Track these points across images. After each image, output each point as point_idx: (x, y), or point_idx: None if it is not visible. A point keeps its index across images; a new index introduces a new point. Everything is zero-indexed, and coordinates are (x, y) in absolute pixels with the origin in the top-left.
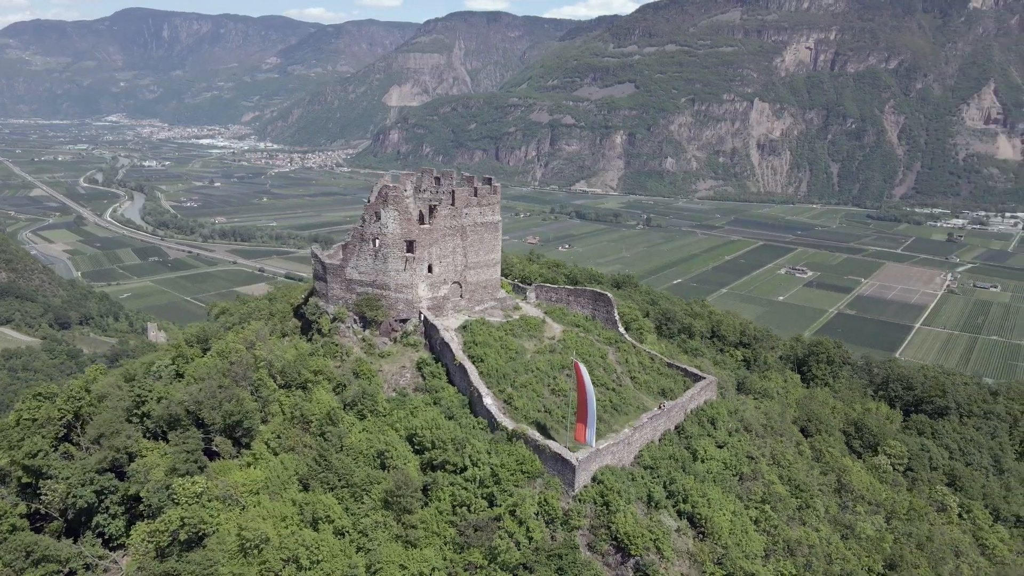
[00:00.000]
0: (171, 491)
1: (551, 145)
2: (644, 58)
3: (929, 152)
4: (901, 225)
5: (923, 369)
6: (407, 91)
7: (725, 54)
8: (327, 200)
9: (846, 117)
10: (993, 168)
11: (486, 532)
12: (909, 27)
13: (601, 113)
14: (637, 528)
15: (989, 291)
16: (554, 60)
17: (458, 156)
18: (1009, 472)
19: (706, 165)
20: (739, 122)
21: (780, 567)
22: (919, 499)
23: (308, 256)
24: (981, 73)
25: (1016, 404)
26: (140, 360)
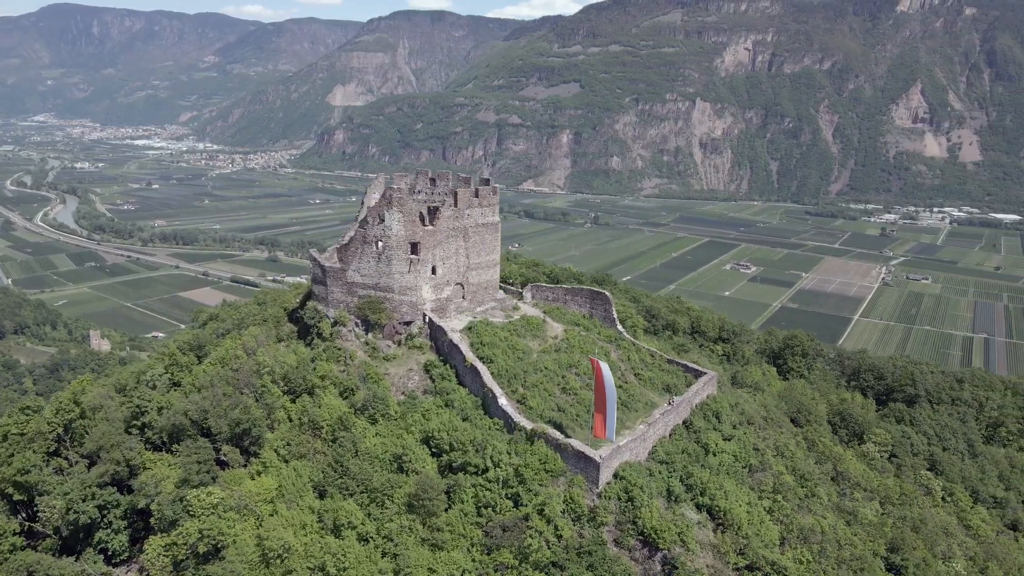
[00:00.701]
0: (186, 503)
1: (498, 145)
2: (588, 58)
3: (862, 150)
4: (837, 221)
5: (892, 359)
6: (351, 91)
7: (667, 55)
8: (272, 202)
9: (783, 116)
10: (921, 165)
11: (514, 532)
12: (841, 29)
13: (547, 113)
14: (663, 522)
15: (921, 283)
16: (499, 60)
17: (405, 156)
18: (982, 455)
19: (651, 164)
20: (682, 121)
21: (797, 555)
22: (908, 484)
23: (255, 259)
24: (908, 74)
25: (980, 390)
26: (128, 369)
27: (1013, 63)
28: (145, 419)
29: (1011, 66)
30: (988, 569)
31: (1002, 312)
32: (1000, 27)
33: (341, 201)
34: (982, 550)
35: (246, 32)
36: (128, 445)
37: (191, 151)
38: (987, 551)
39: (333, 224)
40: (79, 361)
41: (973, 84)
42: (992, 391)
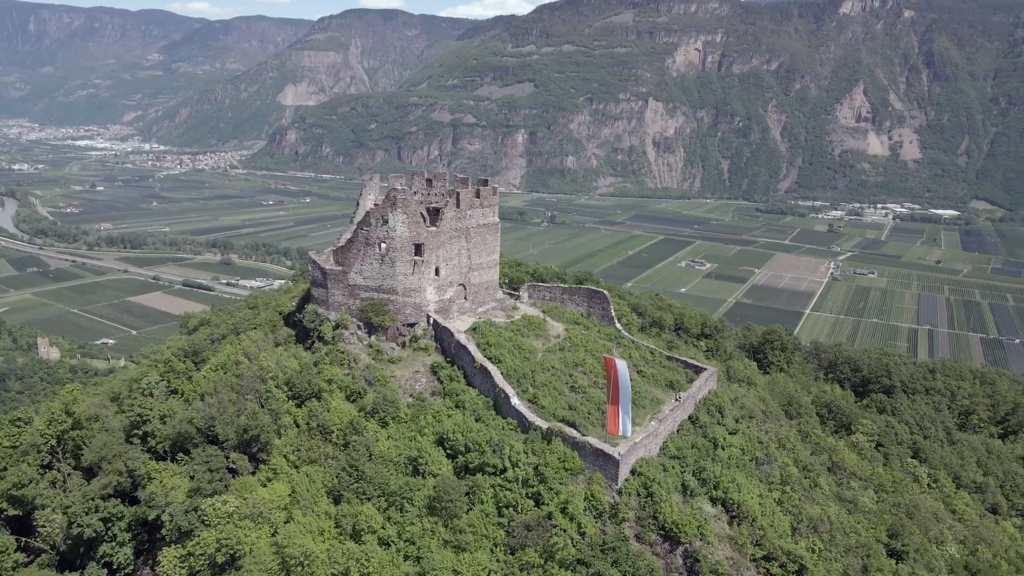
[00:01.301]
0: (201, 512)
1: (453, 144)
2: (542, 58)
3: (809, 148)
4: (787, 217)
5: (866, 351)
6: (303, 90)
7: (620, 55)
8: (223, 203)
9: (734, 116)
10: (865, 163)
11: (539, 531)
12: (787, 31)
13: (502, 112)
14: (684, 516)
15: (867, 277)
16: (453, 59)
17: (359, 156)
18: (959, 443)
19: (605, 163)
20: (635, 121)
21: (810, 544)
22: (897, 472)
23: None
24: (851, 75)
25: (952, 380)
26: (120, 378)
27: (949, 64)
28: (147, 428)
29: (947, 67)
30: (978, 551)
31: (944, 304)
32: (937, 29)
33: (295, 202)
34: (971, 533)
35: (192, 30)
36: (130, 455)
37: (137, 152)
38: (975, 534)
39: (288, 226)
40: (27, 370)
41: (912, 84)
42: (962, 380)
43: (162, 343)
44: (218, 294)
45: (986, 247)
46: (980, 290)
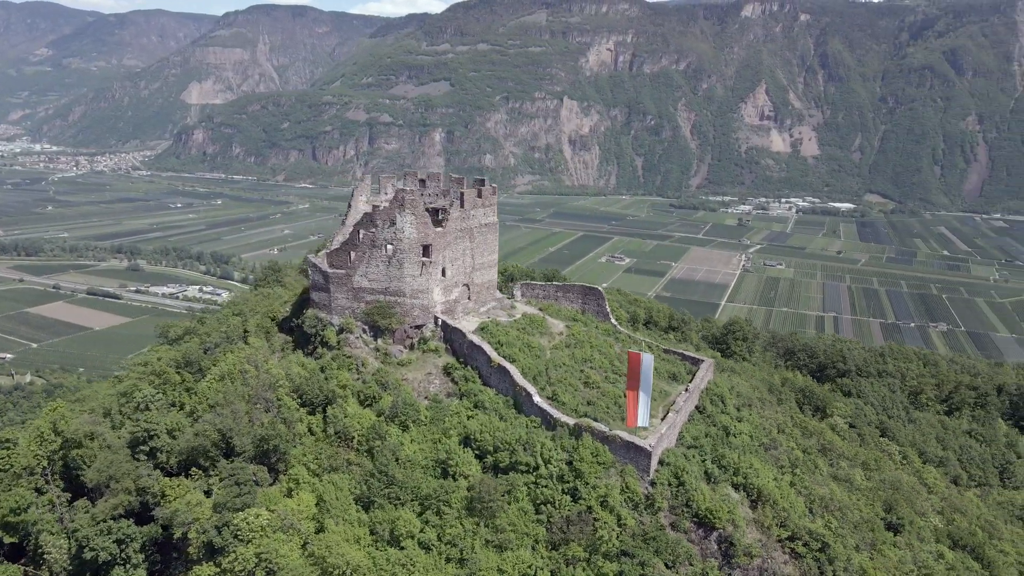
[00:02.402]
0: (235, 527)
1: (370, 144)
2: (457, 57)
3: (717, 146)
4: (699, 212)
5: (820, 338)
6: (209, 88)
7: (534, 54)
8: (127, 207)
9: (646, 114)
10: (769, 160)
11: (580, 525)
12: (693, 32)
13: (419, 111)
14: (716, 503)
15: (776, 268)
16: (367, 57)
17: (272, 157)
18: (916, 420)
19: (523, 161)
20: (551, 119)
21: (826, 522)
22: (874, 451)
23: (114, 269)
24: (754, 75)
25: (900, 362)
26: (106, 392)
27: (842, 65)
28: (154, 444)
29: (841, 68)
30: (955, 521)
31: (846, 292)
32: (831, 32)
33: (206, 204)
34: (946, 505)
35: (84, 24)
36: (139, 472)
37: (26, 153)
38: (951, 505)
39: (199, 229)
40: None
41: (810, 84)
42: (910, 362)
43: (69, 353)
44: (127, 302)
45: (880, 238)
46: (877, 278)
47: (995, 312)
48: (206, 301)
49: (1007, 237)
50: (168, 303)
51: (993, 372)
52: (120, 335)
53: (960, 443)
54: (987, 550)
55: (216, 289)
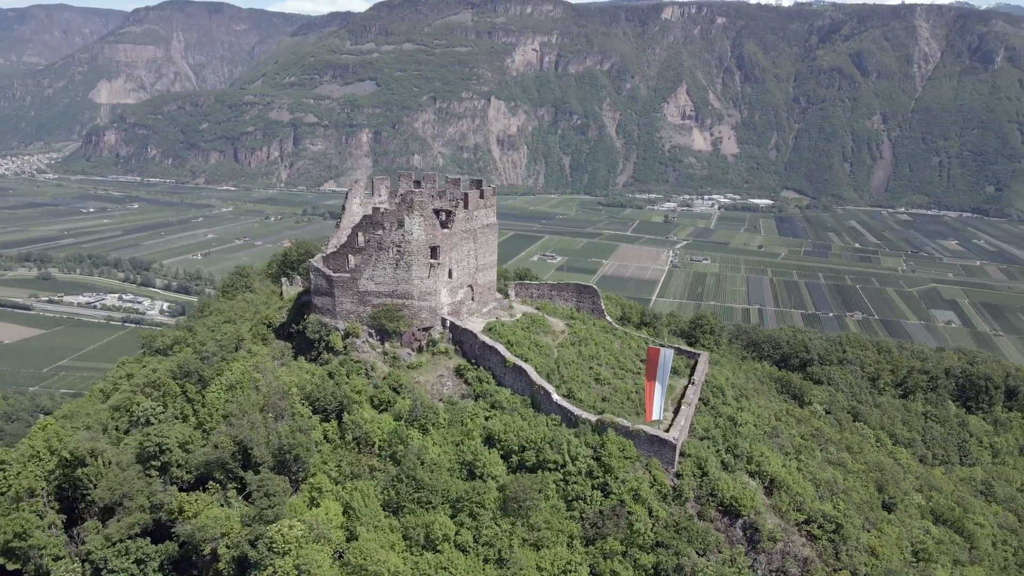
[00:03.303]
0: (270, 540)
1: (295, 145)
2: (383, 56)
3: (642, 144)
4: (626, 210)
5: (782, 330)
6: (120, 87)
7: (460, 54)
8: (34, 212)
9: (572, 114)
10: (691, 158)
11: (614, 519)
12: (616, 33)
13: (344, 111)
14: (740, 491)
15: (702, 264)
16: (289, 56)
17: (191, 158)
18: (882, 405)
19: (452, 161)
20: (479, 119)
21: (835, 504)
22: (853, 435)
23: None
24: (675, 76)
25: (858, 350)
26: (97, 408)
27: (757, 67)
28: (165, 458)
29: (756, 69)
30: (933, 498)
31: (768, 285)
32: (746, 35)
33: (121, 209)
34: (923, 483)
35: None
36: (153, 489)
37: None
38: (928, 483)
39: (115, 234)
40: None
41: (727, 85)
42: (866, 350)
43: None
44: (39, 313)
45: (797, 232)
46: (797, 271)
47: (904, 300)
48: (127, 310)
49: (911, 230)
50: (85, 313)
51: (939, 357)
52: (33, 348)
53: (923, 425)
54: (966, 524)
55: (137, 297)
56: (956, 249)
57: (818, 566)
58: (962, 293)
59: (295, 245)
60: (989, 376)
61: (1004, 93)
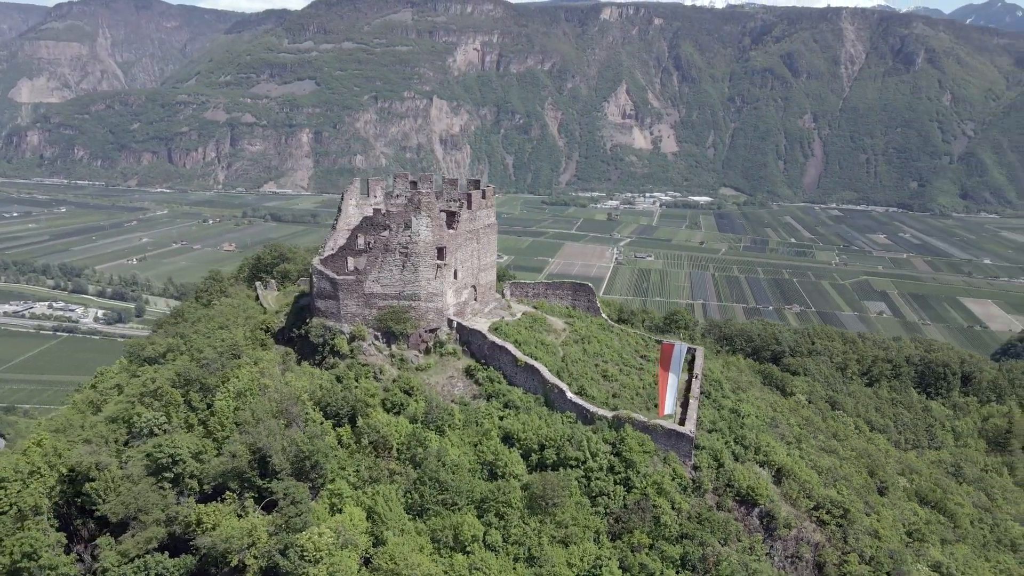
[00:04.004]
0: (300, 548)
1: (232, 145)
2: (322, 55)
3: (584, 143)
4: (570, 209)
5: (752, 323)
6: (42, 85)
7: (401, 53)
8: None
9: (514, 113)
10: (632, 156)
11: (640, 513)
12: (556, 34)
13: (283, 111)
14: (757, 481)
15: (646, 260)
16: (224, 54)
17: (122, 160)
18: (855, 393)
19: (394, 161)
20: (421, 119)
21: (838, 490)
22: (838, 423)
23: None
24: (615, 75)
25: (826, 341)
26: (93, 420)
27: (694, 67)
28: (178, 469)
29: (693, 70)
30: (915, 480)
31: (711, 280)
32: (682, 36)
33: (48, 213)
34: (903, 467)
35: None
36: (167, 501)
37: None
38: (907, 466)
39: (42, 240)
40: None
41: (666, 85)
42: (833, 341)
43: None
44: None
45: (736, 228)
46: (737, 266)
47: (838, 293)
48: (58, 319)
49: (843, 225)
50: (12, 323)
51: (899, 346)
52: None
53: (893, 411)
54: (948, 504)
55: (69, 305)
56: (884, 243)
57: (829, 550)
58: (891, 285)
59: (268, 248)
60: (946, 363)
61: (925, 93)
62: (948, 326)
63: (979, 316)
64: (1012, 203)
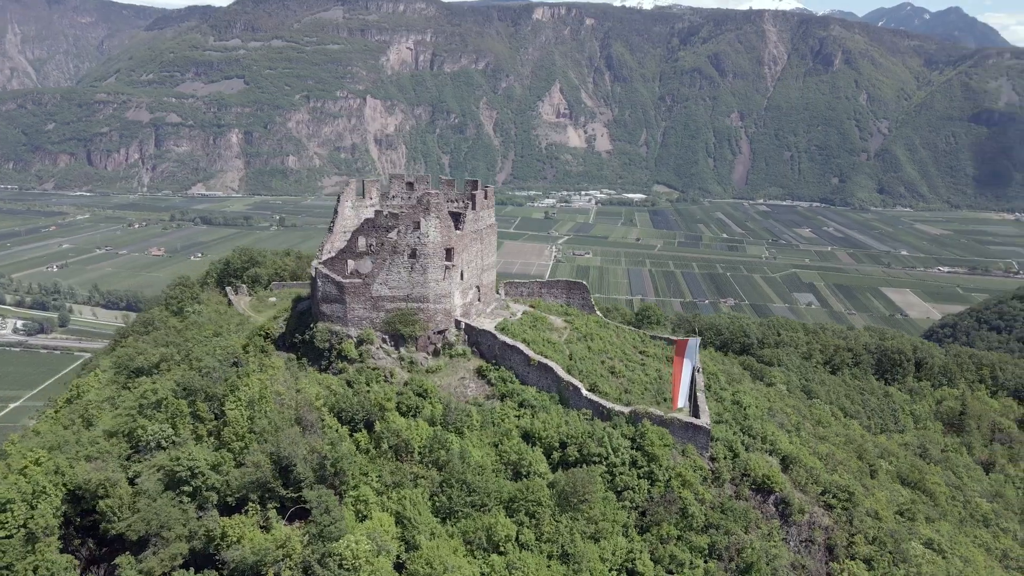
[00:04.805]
0: (339, 557)
1: (157, 146)
2: (250, 53)
3: (519, 142)
4: (507, 207)
5: (719, 316)
6: None
7: (333, 51)
8: None
9: (449, 112)
10: (568, 155)
11: (667, 505)
12: (489, 33)
13: (211, 110)
14: (771, 470)
15: (584, 257)
16: (145, 52)
17: (36, 162)
18: (825, 382)
19: (329, 161)
20: (355, 118)
21: (839, 474)
22: (819, 411)
23: None
24: (548, 75)
25: (789, 332)
26: (91, 435)
27: (625, 67)
28: (197, 482)
29: (624, 69)
30: (894, 463)
31: (648, 276)
32: (613, 36)
33: None
34: (881, 450)
35: None
36: (188, 516)
37: None
38: (884, 450)
39: None
40: None
41: (599, 84)
42: (796, 332)
43: None
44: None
45: (670, 224)
46: (672, 261)
47: (769, 285)
48: None
49: (770, 220)
50: None
51: (855, 335)
52: None
53: (861, 398)
54: (927, 484)
55: None
56: (810, 236)
57: (838, 533)
58: (818, 276)
59: (237, 253)
60: (901, 350)
61: (843, 93)
62: (872, 315)
63: (899, 305)
64: (925, 197)
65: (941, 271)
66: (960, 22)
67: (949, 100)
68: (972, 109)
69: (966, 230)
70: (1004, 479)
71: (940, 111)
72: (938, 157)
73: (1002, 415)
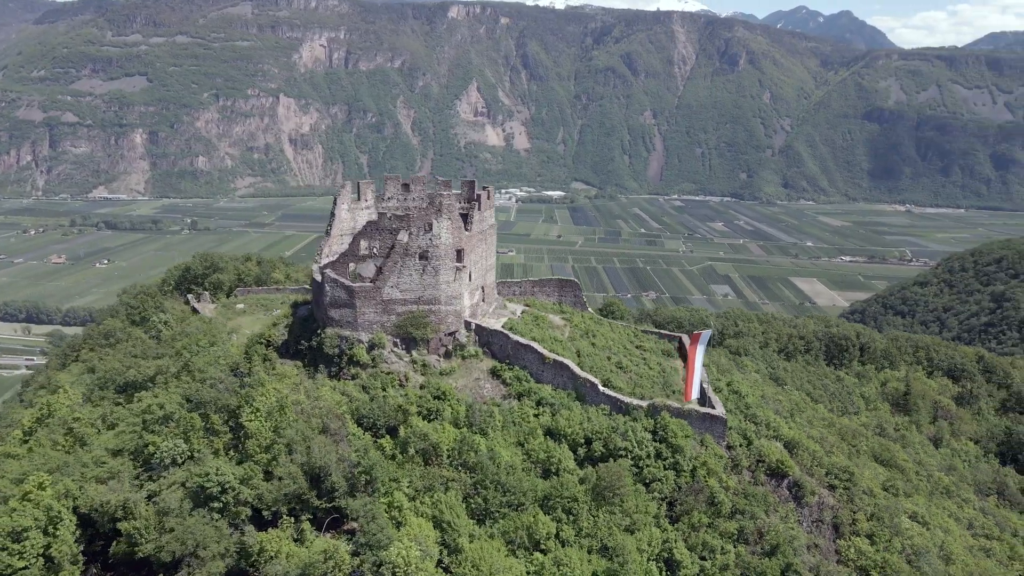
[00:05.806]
0: (392, 565)
1: (52, 147)
2: (153, 49)
3: (438, 141)
4: None
5: (679, 309)
6: None
7: (242, 48)
8: None
9: (366, 111)
10: (486, 153)
11: (695, 495)
12: (405, 31)
13: (112, 109)
14: (784, 455)
15: (509, 255)
16: (35, 47)
17: None
18: (787, 368)
19: (241, 162)
20: (268, 117)
21: (837, 454)
22: (793, 397)
23: None
24: (465, 74)
25: (746, 323)
26: (94, 455)
27: (541, 66)
28: (227, 498)
29: (540, 68)
30: (865, 442)
31: (571, 272)
32: (528, 35)
33: None
34: (850, 431)
35: None
36: (223, 533)
37: None
38: (852, 431)
39: None
40: None
41: (515, 83)
42: (751, 322)
43: None
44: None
45: (590, 221)
46: (594, 257)
47: (687, 278)
48: None
49: (685, 214)
50: None
51: (803, 323)
52: None
53: (821, 383)
54: (899, 461)
55: None
56: (723, 230)
57: (843, 512)
58: (733, 268)
59: (197, 258)
60: (847, 336)
61: (748, 92)
62: (784, 304)
63: (808, 293)
64: (825, 191)
65: (843, 260)
66: (851, 25)
67: (844, 99)
68: (865, 107)
69: (864, 221)
70: (951, 453)
71: (837, 109)
72: (836, 153)
73: (940, 394)
